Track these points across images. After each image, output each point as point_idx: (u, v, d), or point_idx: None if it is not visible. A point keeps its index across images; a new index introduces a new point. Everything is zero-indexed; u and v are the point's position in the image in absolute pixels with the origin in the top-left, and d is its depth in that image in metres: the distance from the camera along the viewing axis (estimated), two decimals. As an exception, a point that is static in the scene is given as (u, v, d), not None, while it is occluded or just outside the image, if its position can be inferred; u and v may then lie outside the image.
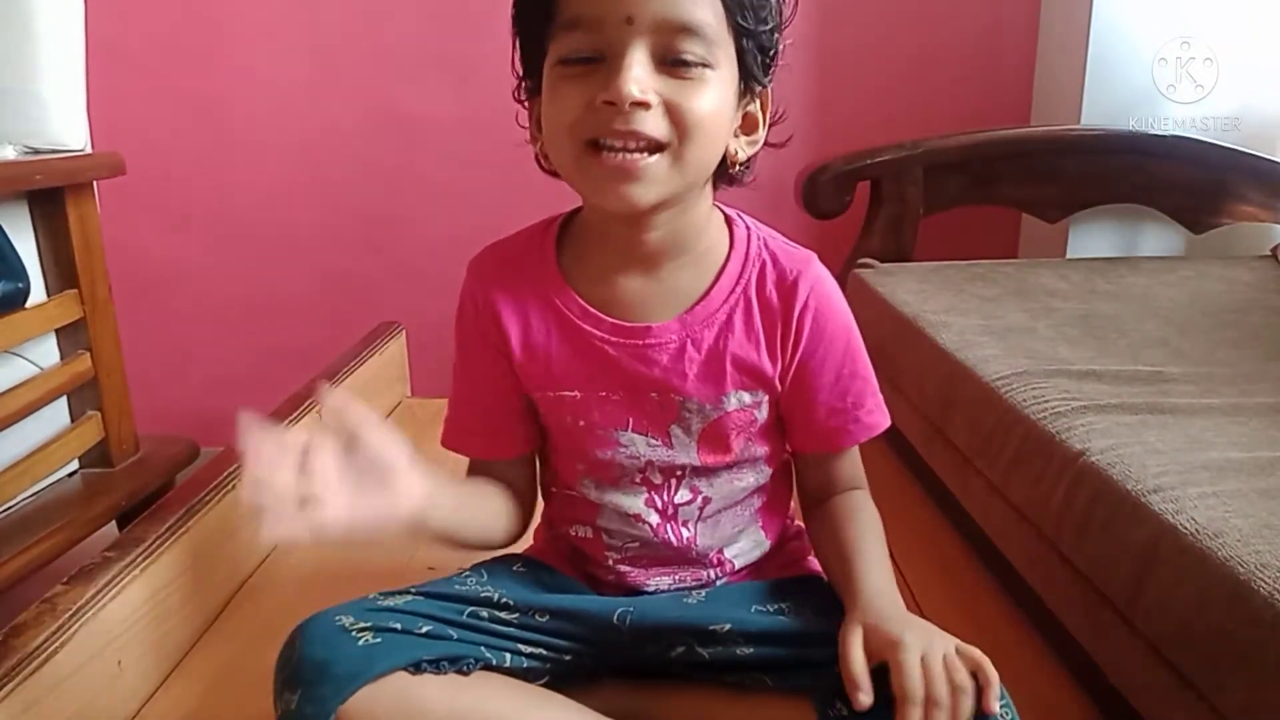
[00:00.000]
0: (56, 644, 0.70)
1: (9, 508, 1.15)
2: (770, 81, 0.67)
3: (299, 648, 0.62)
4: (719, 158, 0.65)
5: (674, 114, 0.59)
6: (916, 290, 1.36)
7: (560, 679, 0.70)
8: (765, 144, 0.70)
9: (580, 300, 0.69)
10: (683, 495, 0.73)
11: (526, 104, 0.69)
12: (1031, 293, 1.33)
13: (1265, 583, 0.58)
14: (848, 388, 0.70)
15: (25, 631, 0.69)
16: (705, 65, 0.60)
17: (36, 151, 1.19)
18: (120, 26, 1.76)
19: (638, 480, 0.72)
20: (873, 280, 1.46)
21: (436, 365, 1.79)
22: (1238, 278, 1.43)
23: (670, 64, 0.59)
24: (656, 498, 0.72)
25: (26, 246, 1.18)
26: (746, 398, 0.70)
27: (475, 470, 0.77)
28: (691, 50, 0.59)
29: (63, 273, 1.22)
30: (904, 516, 1.15)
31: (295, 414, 1.20)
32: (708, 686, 0.71)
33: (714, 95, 0.61)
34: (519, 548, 0.80)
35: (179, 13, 1.81)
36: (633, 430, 0.70)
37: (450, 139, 1.86)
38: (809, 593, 0.72)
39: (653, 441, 0.70)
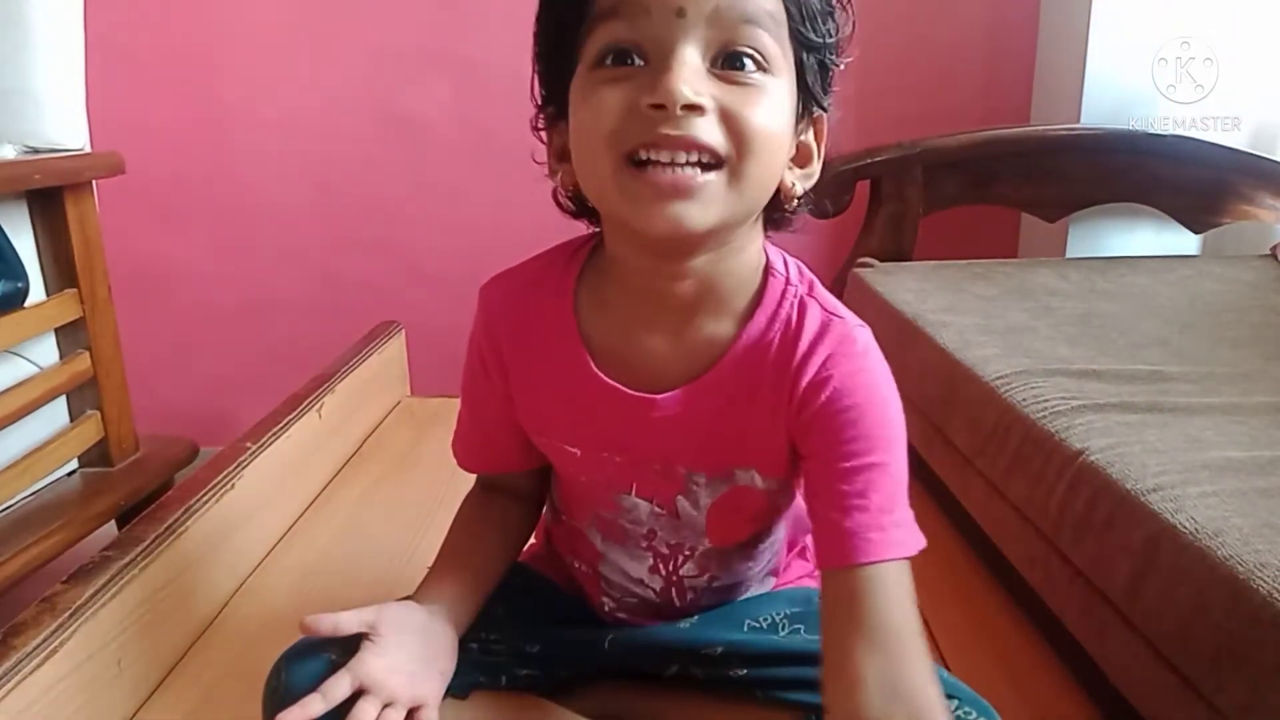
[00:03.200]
0: (56, 644, 0.70)
1: (9, 507, 1.15)
2: (829, 107, 0.58)
3: (284, 679, 0.59)
4: (776, 185, 0.56)
5: (731, 123, 0.50)
6: (916, 290, 1.36)
7: (556, 690, 0.69)
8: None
9: (590, 359, 0.60)
10: (689, 569, 0.68)
11: (545, 133, 0.61)
12: (1031, 292, 1.33)
13: (1265, 582, 0.58)
14: (874, 485, 0.55)
15: (25, 631, 0.69)
16: (765, 70, 0.52)
17: (36, 151, 1.19)
18: (120, 26, 1.76)
19: (644, 546, 0.67)
20: (872, 280, 1.46)
21: (436, 365, 1.80)
22: (1238, 277, 1.42)
23: (726, 67, 0.51)
24: (662, 566, 0.68)
25: (26, 246, 1.18)
26: (758, 479, 0.62)
27: (483, 479, 0.75)
28: (751, 50, 0.51)
29: (62, 272, 1.22)
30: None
31: (295, 414, 1.20)
32: (701, 695, 0.70)
33: (775, 107, 0.52)
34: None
35: (179, 12, 1.81)
36: (636, 495, 0.64)
37: (450, 139, 1.86)
38: (801, 605, 0.71)
39: (658, 510, 0.64)
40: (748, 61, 0.51)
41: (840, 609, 0.54)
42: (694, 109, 0.49)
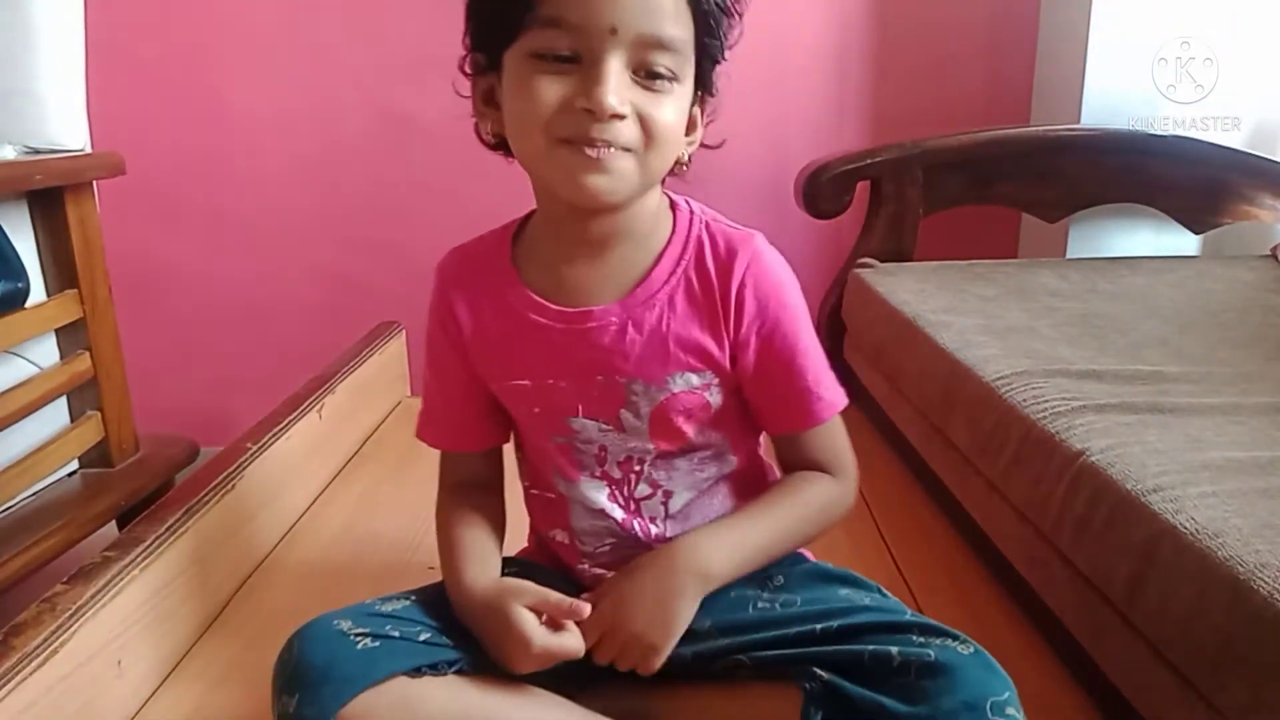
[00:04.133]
0: (56, 644, 0.70)
1: (9, 508, 1.15)
2: (715, 91, 0.70)
3: (297, 651, 0.62)
4: (673, 160, 0.67)
5: (644, 124, 0.62)
6: (916, 290, 1.36)
7: (556, 678, 0.70)
8: (701, 145, 0.72)
9: (527, 290, 0.71)
10: (643, 490, 0.73)
11: (471, 76, 0.70)
12: (1031, 293, 1.33)
13: (1265, 582, 0.58)
14: (804, 365, 0.71)
15: (25, 631, 0.69)
16: (673, 80, 0.62)
17: (36, 151, 1.19)
18: (120, 26, 1.76)
19: (598, 474, 0.73)
20: (873, 280, 1.46)
21: (436, 365, 1.80)
22: (1238, 278, 1.42)
23: (644, 76, 0.61)
24: (618, 492, 0.73)
25: (26, 246, 1.18)
26: (694, 379, 0.70)
27: (447, 462, 0.80)
28: (665, 65, 0.61)
29: (62, 272, 1.22)
30: (904, 516, 1.16)
31: (295, 414, 1.20)
32: (698, 680, 0.71)
33: (677, 106, 0.64)
34: (511, 550, 0.80)
35: (179, 13, 1.81)
36: (584, 416, 0.71)
37: (450, 139, 1.86)
38: (785, 566, 0.74)
39: (604, 427, 0.71)
40: (662, 72, 0.62)
41: (796, 462, 0.74)
42: (618, 116, 0.60)
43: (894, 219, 1.63)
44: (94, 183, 1.26)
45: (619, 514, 0.73)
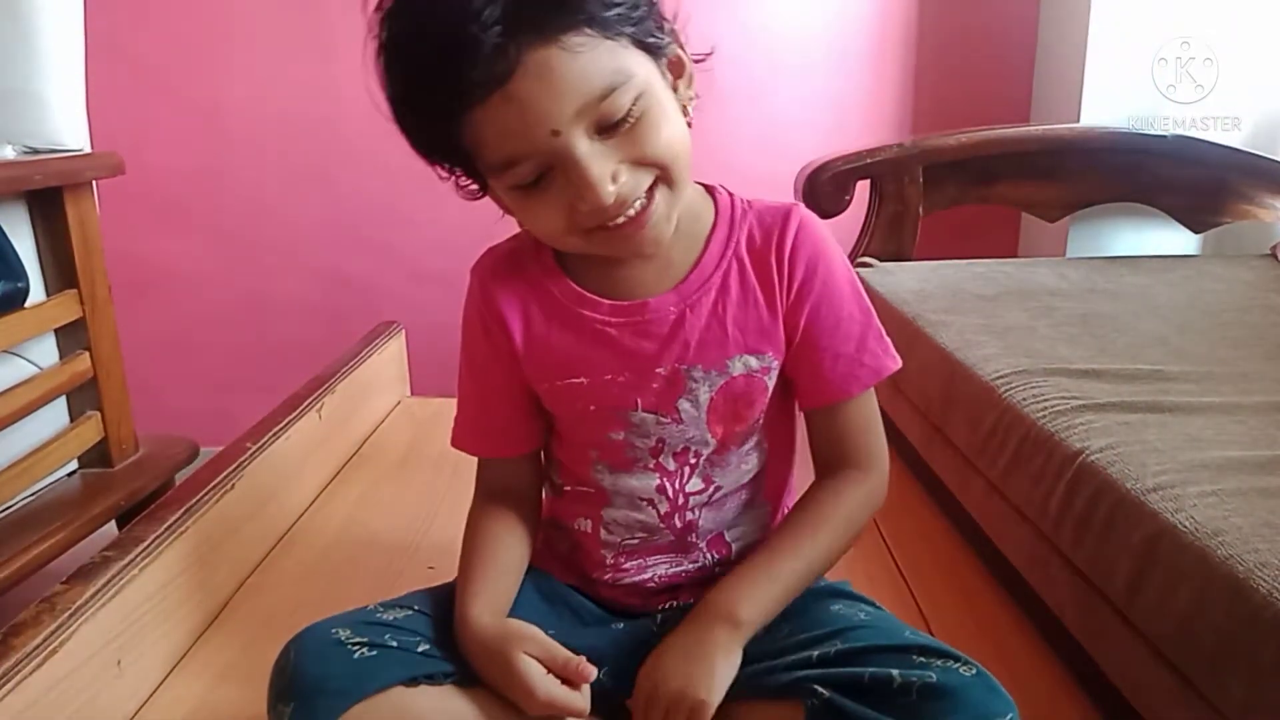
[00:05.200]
0: (56, 644, 0.70)
1: (9, 508, 1.15)
2: (671, 30, 0.64)
3: (293, 659, 0.62)
4: (689, 143, 0.64)
5: (644, 162, 0.60)
6: (916, 290, 1.36)
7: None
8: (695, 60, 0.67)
9: (576, 286, 0.70)
10: (695, 484, 0.72)
11: (472, 194, 0.68)
12: (1031, 293, 1.33)
13: (1265, 582, 0.58)
14: (850, 331, 0.70)
15: (25, 631, 0.69)
16: (640, 96, 0.59)
17: (36, 151, 1.19)
18: (120, 26, 1.76)
19: (651, 466, 0.72)
20: (873, 280, 1.46)
21: (436, 365, 1.79)
22: (1238, 277, 1.42)
23: (614, 127, 0.58)
24: (669, 484, 0.72)
25: (26, 246, 1.18)
26: (753, 361, 0.69)
27: (485, 470, 0.78)
28: (621, 106, 0.58)
29: (62, 272, 1.22)
30: (904, 516, 1.16)
31: (295, 414, 1.20)
32: None
33: (658, 112, 0.60)
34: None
35: (179, 12, 1.81)
36: (642, 410, 0.70)
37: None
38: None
39: (663, 419, 0.70)
40: (624, 114, 0.58)
41: (826, 435, 0.73)
42: (618, 192, 0.58)
43: (894, 219, 1.63)
44: (94, 183, 1.26)
45: (664, 507, 0.72)
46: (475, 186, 0.66)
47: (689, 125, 0.65)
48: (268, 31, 1.83)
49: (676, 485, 0.72)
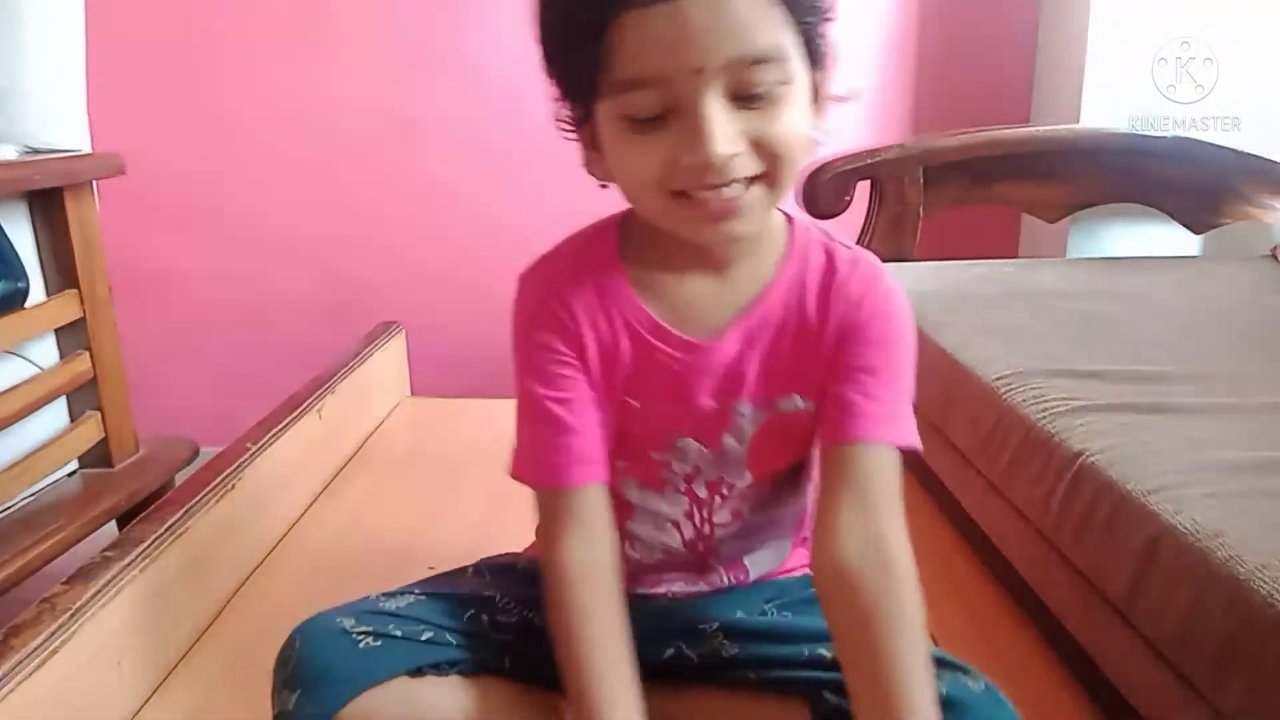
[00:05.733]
0: (56, 644, 0.70)
1: (9, 508, 1.15)
2: (831, 53, 0.61)
3: (299, 648, 0.62)
4: (804, 162, 0.61)
5: (761, 147, 0.56)
6: (917, 291, 1.36)
7: (559, 681, 0.70)
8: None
9: (649, 312, 0.65)
10: (723, 515, 0.71)
11: (573, 128, 0.62)
12: (1031, 293, 1.33)
13: (1265, 583, 0.58)
14: (892, 384, 0.64)
15: (25, 631, 0.69)
16: (783, 83, 0.55)
17: (36, 151, 1.19)
18: (121, 26, 1.76)
19: (682, 489, 0.70)
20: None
21: (436, 365, 1.80)
22: (1238, 278, 1.42)
23: (748, 97, 0.55)
24: (697, 511, 0.71)
25: (26, 246, 1.18)
26: (800, 402, 0.67)
27: (564, 508, 0.64)
28: (767, 80, 0.54)
29: (62, 272, 1.21)
30: (904, 516, 1.15)
31: (295, 414, 1.20)
32: (704, 687, 0.71)
33: (795, 110, 0.57)
34: (520, 546, 0.80)
35: (179, 13, 1.81)
36: (689, 436, 0.68)
37: (450, 139, 1.86)
38: (796, 590, 0.73)
39: (705, 450, 0.68)
40: (765, 90, 0.55)
41: (837, 477, 0.63)
42: (731, 158, 0.54)
43: (894, 219, 1.63)
44: (94, 183, 1.25)
45: (689, 532, 0.71)
46: (577, 118, 0.61)
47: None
48: (268, 31, 1.83)
49: (704, 514, 0.71)
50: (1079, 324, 1.16)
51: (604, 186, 0.64)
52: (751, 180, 0.57)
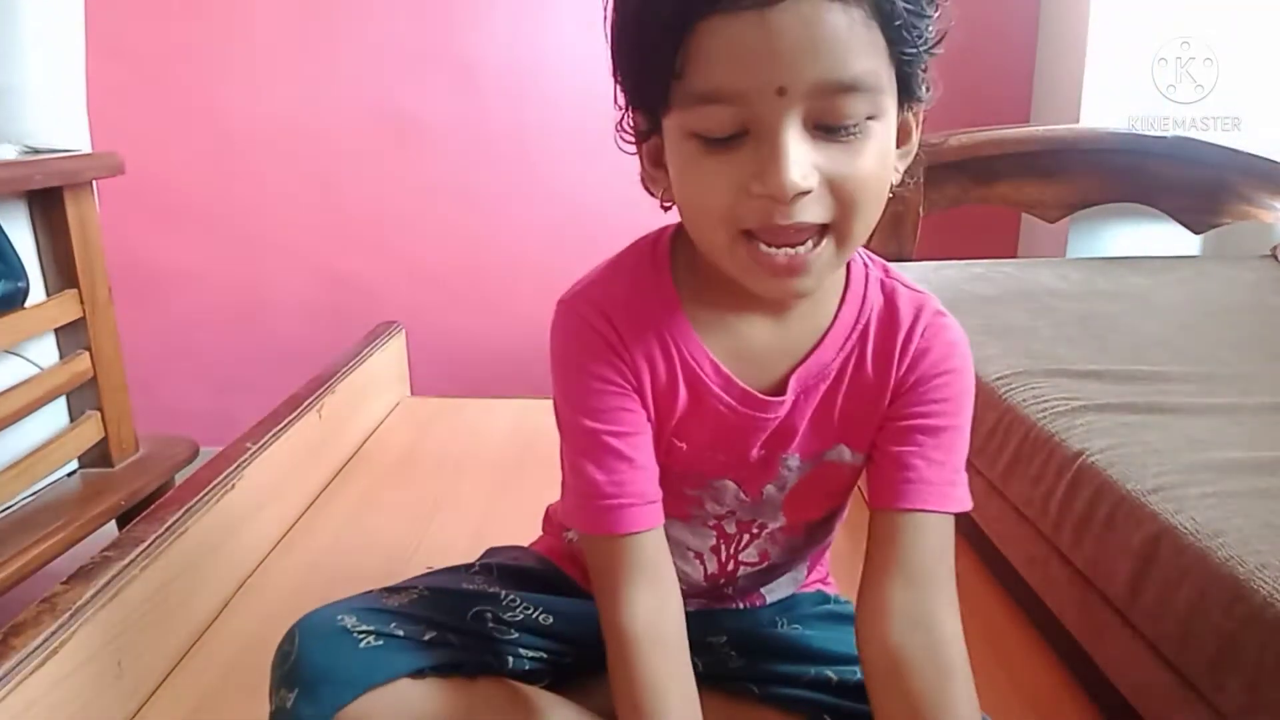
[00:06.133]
0: (56, 644, 0.70)
1: (9, 508, 1.15)
2: (929, 90, 0.57)
3: (298, 646, 0.61)
4: (881, 213, 0.55)
5: (837, 189, 0.51)
6: (916, 290, 1.36)
7: (561, 681, 0.70)
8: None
9: (710, 355, 0.61)
10: (750, 555, 0.70)
11: (634, 141, 0.58)
12: (1031, 293, 1.33)
13: (1265, 583, 0.58)
14: (949, 448, 0.61)
15: (25, 631, 0.69)
16: (871, 117, 0.51)
17: (36, 151, 1.19)
18: (120, 26, 1.76)
19: (711, 524, 0.68)
20: (873, 280, 1.46)
21: (436, 365, 1.80)
22: (1238, 278, 1.42)
23: (830, 129, 0.50)
24: (724, 547, 0.69)
25: (26, 246, 1.18)
26: (847, 454, 0.64)
27: (626, 556, 0.59)
28: (855, 112, 0.50)
29: (62, 272, 1.21)
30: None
31: (295, 414, 1.20)
32: (706, 693, 0.71)
33: (879, 148, 0.52)
34: (525, 541, 0.80)
35: (179, 13, 1.81)
36: (729, 479, 0.65)
37: (450, 139, 1.86)
38: (808, 605, 0.72)
39: (743, 496, 0.66)
40: (851, 122, 0.50)
41: (886, 546, 0.59)
42: (804, 193, 0.49)
43: (894, 219, 1.63)
44: (94, 183, 1.25)
45: (713, 566, 0.69)
46: (641, 129, 0.57)
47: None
48: (268, 32, 1.83)
49: (730, 550, 0.69)
50: (1079, 324, 1.16)
51: (666, 208, 0.59)
52: (822, 233, 0.52)
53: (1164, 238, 1.73)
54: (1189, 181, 1.64)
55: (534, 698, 0.67)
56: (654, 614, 0.58)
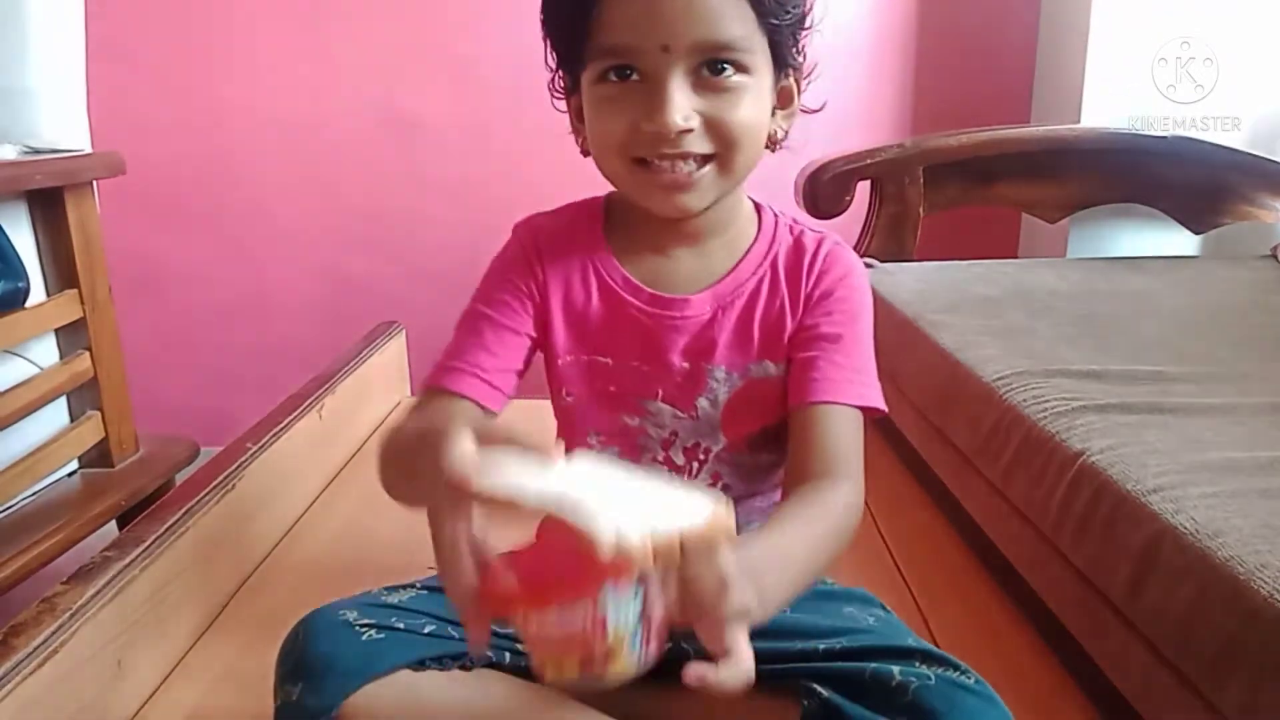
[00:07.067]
0: (56, 644, 0.70)
1: (9, 508, 1.15)
2: (804, 58, 0.69)
3: (303, 640, 0.63)
4: (762, 153, 0.68)
5: (716, 129, 0.62)
6: (917, 290, 1.36)
7: None
8: (801, 110, 0.72)
9: (623, 270, 0.72)
10: (703, 480, 0.74)
11: (563, 98, 0.71)
12: (1031, 293, 1.33)
13: (1265, 583, 0.58)
14: (851, 351, 0.70)
15: (25, 631, 0.69)
16: (743, 71, 0.62)
17: (36, 151, 1.19)
18: (120, 26, 1.76)
19: (660, 458, 0.73)
20: (873, 280, 1.45)
21: (436, 365, 1.80)
22: (1238, 278, 1.43)
23: (709, 74, 0.62)
24: (677, 480, 0.73)
25: (26, 246, 1.18)
26: (772, 368, 0.71)
27: (433, 414, 0.67)
28: (728, 66, 0.62)
29: (62, 272, 1.22)
30: (904, 516, 1.15)
31: (295, 414, 1.20)
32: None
33: (752, 101, 0.63)
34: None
35: (179, 12, 1.81)
36: (661, 400, 0.72)
37: (450, 138, 1.86)
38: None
39: (679, 414, 0.72)
40: (727, 68, 0.62)
41: (799, 438, 0.69)
42: (685, 131, 0.61)
43: (894, 219, 1.63)
44: (94, 183, 1.25)
45: None
46: (567, 87, 0.69)
47: (774, 148, 0.70)
48: (268, 31, 1.83)
49: (684, 480, 0.73)
50: (1079, 324, 1.16)
51: (586, 154, 0.70)
52: (704, 161, 0.63)
53: (1164, 238, 1.73)
54: (1189, 181, 1.65)
55: (532, 691, 0.67)
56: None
